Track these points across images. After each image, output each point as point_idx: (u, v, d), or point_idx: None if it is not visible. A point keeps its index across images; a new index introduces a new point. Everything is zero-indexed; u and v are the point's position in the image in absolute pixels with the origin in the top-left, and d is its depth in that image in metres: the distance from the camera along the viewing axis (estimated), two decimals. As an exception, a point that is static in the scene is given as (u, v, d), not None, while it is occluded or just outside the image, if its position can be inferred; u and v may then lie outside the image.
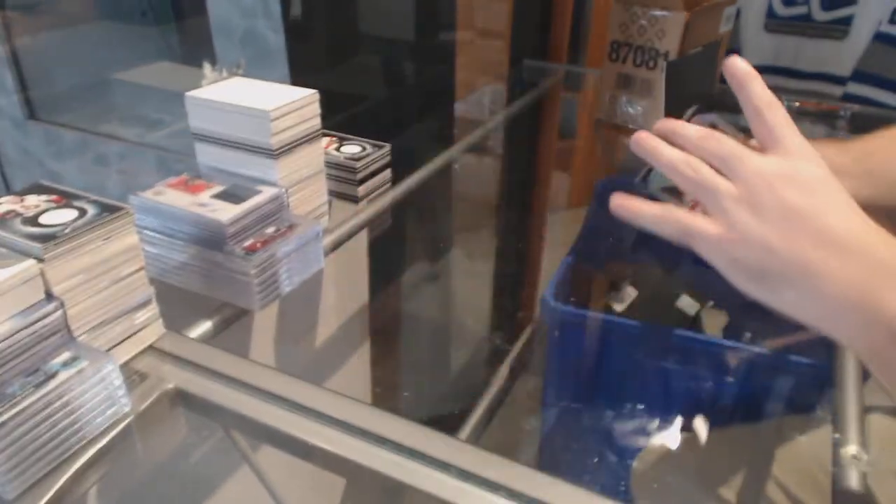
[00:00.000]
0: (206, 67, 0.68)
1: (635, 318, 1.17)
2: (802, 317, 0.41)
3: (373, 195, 0.81)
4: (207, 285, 0.62)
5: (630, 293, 1.23)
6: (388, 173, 0.83)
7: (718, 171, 0.44)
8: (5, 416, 0.41)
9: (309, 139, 0.68)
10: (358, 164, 0.77)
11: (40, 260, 0.45)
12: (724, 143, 0.43)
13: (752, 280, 0.42)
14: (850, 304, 0.38)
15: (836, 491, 0.48)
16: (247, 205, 0.61)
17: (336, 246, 0.74)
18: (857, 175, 0.55)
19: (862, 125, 1.16)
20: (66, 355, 0.47)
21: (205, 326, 0.60)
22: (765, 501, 0.80)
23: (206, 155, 0.69)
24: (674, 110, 0.84)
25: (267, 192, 0.64)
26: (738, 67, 0.43)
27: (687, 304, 1.17)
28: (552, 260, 1.40)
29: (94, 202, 0.50)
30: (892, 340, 0.36)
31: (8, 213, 0.48)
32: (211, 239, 0.60)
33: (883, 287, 0.37)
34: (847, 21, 1.30)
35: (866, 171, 0.56)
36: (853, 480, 0.48)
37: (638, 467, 0.99)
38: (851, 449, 0.50)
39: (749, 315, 1.14)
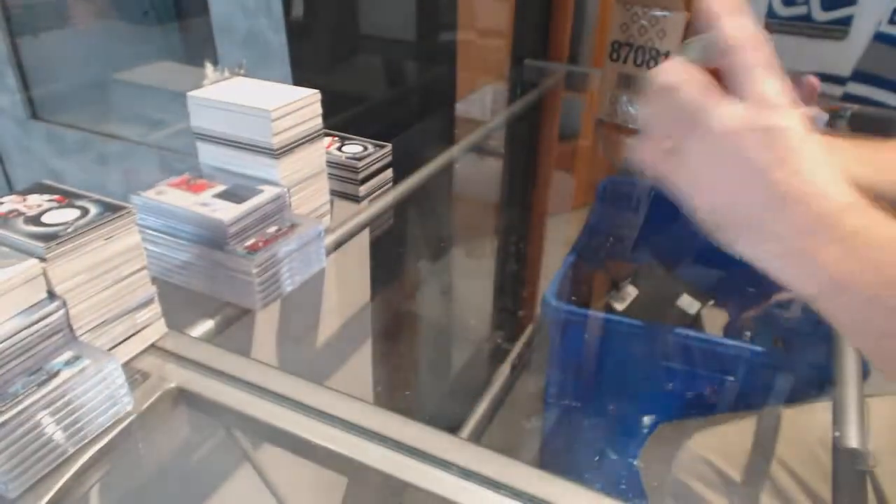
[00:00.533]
0: (208, 67, 0.68)
1: (636, 317, 1.17)
2: (757, 264, 0.43)
3: (374, 195, 0.81)
4: (209, 285, 0.62)
5: (631, 292, 1.23)
6: (389, 173, 0.83)
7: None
8: (7, 415, 0.41)
9: (310, 139, 0.68)
10: (359, 164, 0.77)
11: (42, 259, 0.45)
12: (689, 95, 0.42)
13: (715, 229, 0.44)
14: (791, 257, 0.40)
15: (837, 473, 0.49)
16: (248, 204, 0.61)
17: (337, 245, 0.74)
18: (855, 156, 0.55)
19: (862, 125, 1.16)
20: (68, 354, 0.47)
21: (207, 325, 0.60)
22: (769, 482, 0.80)
23: (208, 154, 0.69)
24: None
25: (268, 192, 0.64)
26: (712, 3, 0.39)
27: (687, 303, 1.17)
28: (555, 260, 1.40)
29: (97, 202, 0.50)
30: (832, 288, 0.38)
31: (10, 212, 0.48)
32: (212, 238, 0.60)
33: (819, 242, 0.38)
34: (847, 21, 1.30)
35: (865, 155, 0.56)
36: (854, 476, 0.48)
37: (642, 466, 0.99)
38: (852, 449, 0.50)
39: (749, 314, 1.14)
